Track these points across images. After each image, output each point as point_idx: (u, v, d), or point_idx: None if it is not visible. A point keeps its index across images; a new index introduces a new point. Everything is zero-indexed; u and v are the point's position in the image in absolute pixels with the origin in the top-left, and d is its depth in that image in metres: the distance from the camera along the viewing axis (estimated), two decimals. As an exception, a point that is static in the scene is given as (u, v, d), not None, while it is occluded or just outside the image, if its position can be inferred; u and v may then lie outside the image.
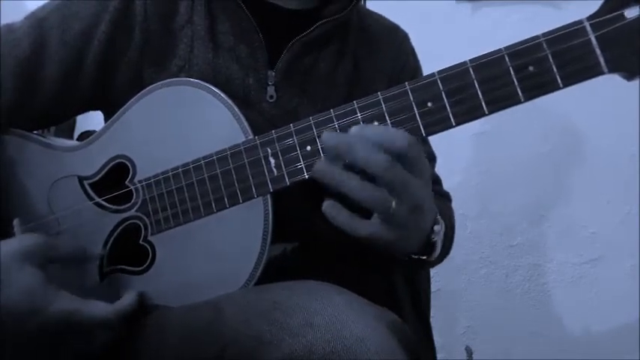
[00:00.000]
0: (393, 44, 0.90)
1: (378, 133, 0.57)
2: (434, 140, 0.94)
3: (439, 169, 0.97)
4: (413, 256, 0.69)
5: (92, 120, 0.97)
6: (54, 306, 0.61)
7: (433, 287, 1.04)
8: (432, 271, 1.02)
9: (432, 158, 0.97)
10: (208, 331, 0.61)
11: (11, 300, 0.59)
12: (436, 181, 0.97)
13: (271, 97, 0.78)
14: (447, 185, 0.99)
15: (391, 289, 0.86)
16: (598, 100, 1.51)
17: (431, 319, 0.97)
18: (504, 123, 1.61)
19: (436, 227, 0.67)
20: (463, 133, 1.65)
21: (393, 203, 0.57)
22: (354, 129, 0.58)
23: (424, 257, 0.69)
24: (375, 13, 0.94)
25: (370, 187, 0.56)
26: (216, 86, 0.70)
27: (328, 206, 0.59)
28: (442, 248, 0.71)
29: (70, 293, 0.63)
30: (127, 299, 0.68)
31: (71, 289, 0.64)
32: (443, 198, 0.95)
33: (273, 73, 0.78)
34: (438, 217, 0.68)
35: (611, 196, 1.61)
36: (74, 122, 1.51)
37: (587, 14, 0.59)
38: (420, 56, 0.95)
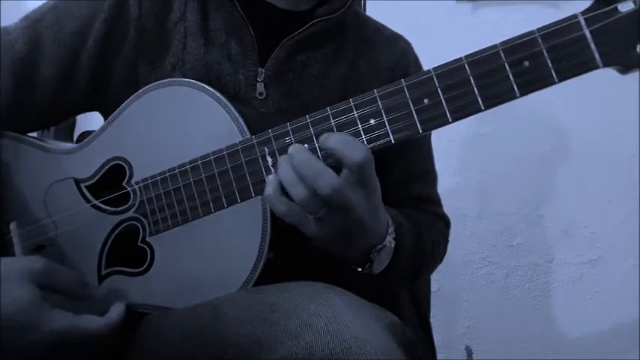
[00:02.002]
0: (394, 53, 0.89)
1: (337, 146, 0.60)
2: (435, 141, 0.93)
3: (439, 169, 0.97)
4: (354, 267, 0.71)
5: (92, 120, 0.96)
6: (46, 325, 0.60)
7: (433, 287, 1.04)
8: (432, 271, 1.02)
9: (432, 177, 0.95)
10: (207, 333, 0.61)
11: (7, 314, 0.58)
12: (434, 201, 0.95)
13: (260, 94, 0.77)
14: (447, 185, 0.99)
15: (391, 290, 0.86)
16: (598, 100, 1.51)
17: (431, 319, 0.97)
18: (504, 123, 1.61)
19: (379, 246, 0.69)
20: (463, 133, 1.67)
21: (322, 211, 0.61)
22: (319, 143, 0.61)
23: (360, 269, 0.71)
24: (378, 22, 0.92)
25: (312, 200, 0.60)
26: (209, 83, 0.70)
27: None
28: (391, 269, 0.73)
29: (63, 310, 0.62)
30: (116, 310, 0.68)
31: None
32: (437, 220, 0.93)
33: (263, 71, 0.78)
34: (388, 236, 0.70)
35: (611, 195, 1.61)
36: (74, 122, 1.51)
37: (586, 14, 0.59)
38: (420, 56, 0.94)
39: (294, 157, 0.60)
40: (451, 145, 1.58)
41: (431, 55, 0.95)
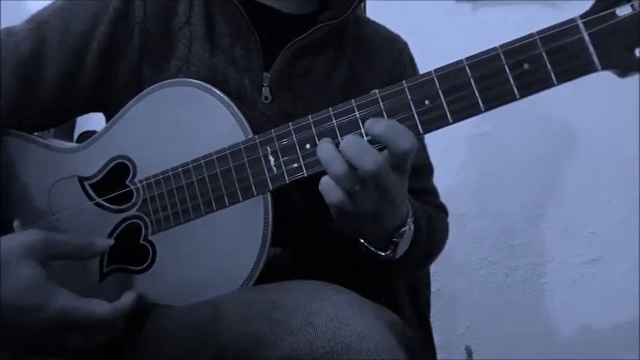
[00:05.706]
0: (391, 54, 0.90)
1: (386, 131, 0.59)
2: (434, 140, 0.94)
3: (439, 168, 0.97)
4: (373, 250, 0.70)
5: (92, 120, 0.97)
6: (54, 303, 0.60)
7: (433, 287, 1.04)
8: (432, 271, 1.02)
9: (429, 170, 0.96)
10: (208, 331, 0.61)
11: (12, 295, 0.59)
12: (433, 192, 0.96)
13: (266, 98, 0.78)
14: (447, 185, 0.99)
15: (391, 289, 0.86)
16: (598, 100, 1.51)
17: (431, 319, 0.97)
18: (504, 123, 1.61)
19: (403, 229, 0.68)
20: (463, 133, 1.67)
21: (357, 187, 0.60)
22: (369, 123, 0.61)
23: (382, 253, 0.70)
24: (375, 22, 0.93)
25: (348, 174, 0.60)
26: (214, 85, 0.71)
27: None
28: (411, 252, 0.72)
29: (70, 291, 0.63)
30: (127, 299, 0.68)
31: (71, 288, 0.65)
32: (437, 210, 0.93)
33: (268, 75, 0.78)
34: (409, 219, 0.70)
35: (611, 195, 1.62)
36: (74, 123, 1.51)
37: (585, 14, 0.59)
38: (420, 56, 0.95)
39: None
40: (451, 145, 1.58)
41: (431, 56, 0.95)
